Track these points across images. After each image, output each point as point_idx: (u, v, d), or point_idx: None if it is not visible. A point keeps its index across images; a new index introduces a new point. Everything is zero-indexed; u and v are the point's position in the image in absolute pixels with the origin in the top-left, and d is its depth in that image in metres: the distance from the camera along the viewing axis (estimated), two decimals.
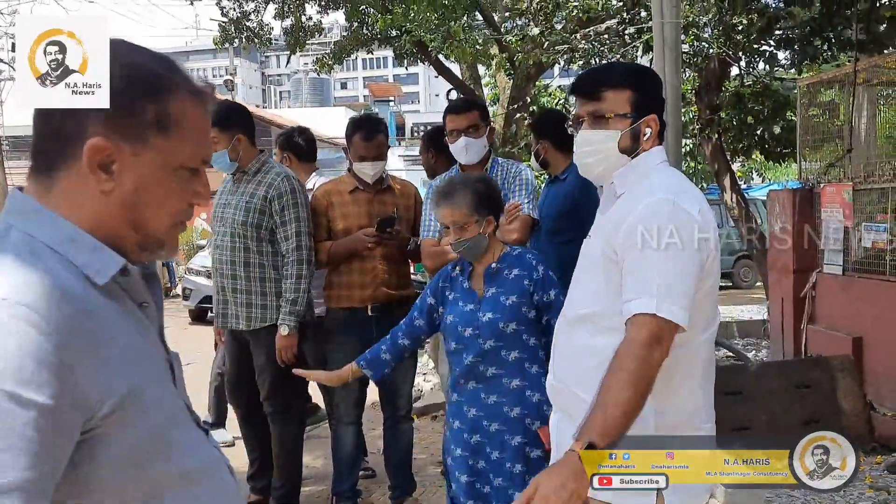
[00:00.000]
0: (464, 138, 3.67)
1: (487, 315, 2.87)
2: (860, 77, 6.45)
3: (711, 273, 1.96)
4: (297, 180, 4.01)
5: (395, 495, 4.21)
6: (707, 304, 1.97)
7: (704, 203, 1.99)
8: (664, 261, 1.86)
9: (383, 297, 3.93)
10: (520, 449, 2.87)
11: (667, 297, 1.83)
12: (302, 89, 71.04)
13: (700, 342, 1.97)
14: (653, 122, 2.04)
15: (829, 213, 6.21)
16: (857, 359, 5.60)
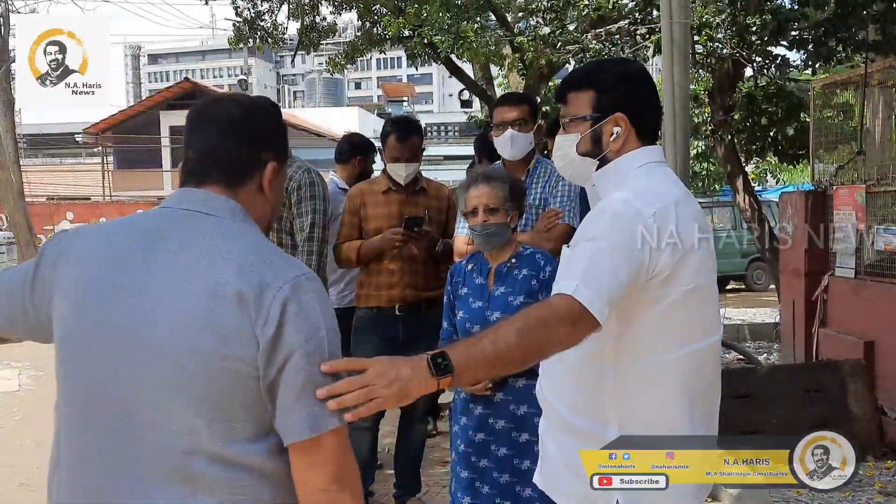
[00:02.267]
0: (510, 131, 3.58)
1: (496, 314, 2.88)
2: (875, 79, 6.39)
3: (682, 281, 1.81)
4: (318, 174, 4.08)
5: (400, 494, 4.22)
6: (680, 318, 1.83)
7: (673, 205, 1.83)
8: (595, 252, 1.77)
9: (411, 298, 3.94)
10: (527, 446, 2.88)
11: (588, 284, 1.71)
12: (316, 89, 71.27)
13: (675, 358, 1.83)
14: (621, 121, 1.91)
15: (842, 215, 6.15)
16: (868, 363, 5.54)
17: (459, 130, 43.60)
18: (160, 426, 1.43)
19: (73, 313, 1.53)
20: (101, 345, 1.48)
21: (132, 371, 1.45)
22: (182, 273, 1.48)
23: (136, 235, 1.55)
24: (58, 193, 28.04)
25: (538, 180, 3.64)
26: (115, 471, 1.47)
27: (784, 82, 8.67)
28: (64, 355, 1.53)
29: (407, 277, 3.94)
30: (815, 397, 5.22)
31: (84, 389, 1.50)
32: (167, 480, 1.44)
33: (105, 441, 1.47)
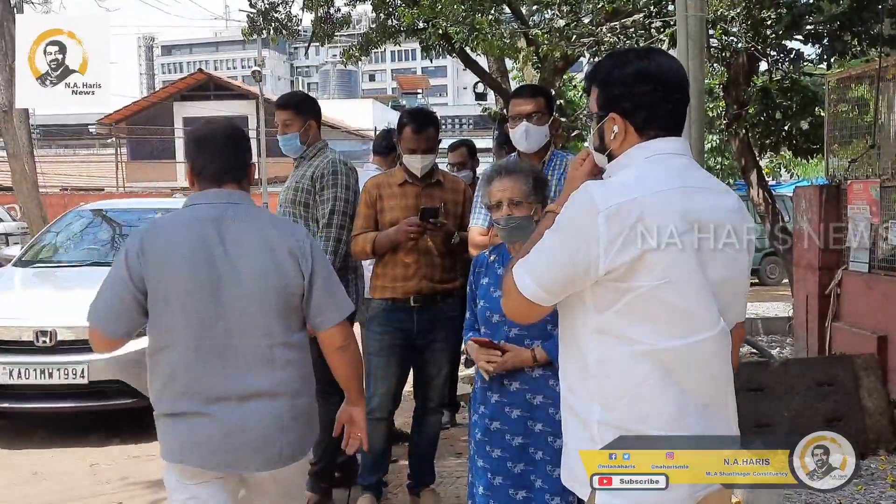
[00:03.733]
0: (524, 124, 3.61)
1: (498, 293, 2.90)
2: (890, 73, 6.37)
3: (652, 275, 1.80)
4: (345, 164, 4.21)
5: (413, 485, 4.26)
6: (654, 311, 1.82)
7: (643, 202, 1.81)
8: (547, 239, 1.92)
9: (426, 290, 3.96)
10: (541, 435, 2.92)
11: (528, 271, 1.93)
12: (330, 81, 71.29)
13: (652, 350, 1.82)
14: (617, 121, 1.95)
15: (856, 209, 6.14)
16: (881, 357, 5.54)
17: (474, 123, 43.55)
18: (250, 333, 2.49)
19: (178, 279, 2.45)
20: (205, 294, 2.45)
21: (228, 305, 2.47)
22: (245, 240, 2.51)
23: (205, 222, 2.50)
24: (71, 184, 28.22)
25: (553, 172, 3.65)
26: (221, 369, 2.47)
27: (799, 76, 8.64)
28: (176, 305, 2.45)
29: (423, 269, 3.97)
30: (827, 391, 5.22)
31: (198, 323, 2.46)
32: (257, 366, 2.50)
33: (212, 353, 2.47)
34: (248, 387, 2.48)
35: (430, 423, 4.22)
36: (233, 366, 2.48)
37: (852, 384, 5.25)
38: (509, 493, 2.92)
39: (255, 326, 2.49)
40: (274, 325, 2.52)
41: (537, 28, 10.83)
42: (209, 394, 2.46)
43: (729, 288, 1.93)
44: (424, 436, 4.24)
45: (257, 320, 2.50)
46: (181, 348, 2.46)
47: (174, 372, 2.47)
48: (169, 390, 2.48)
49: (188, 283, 2.45)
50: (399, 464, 4.73)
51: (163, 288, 2.45)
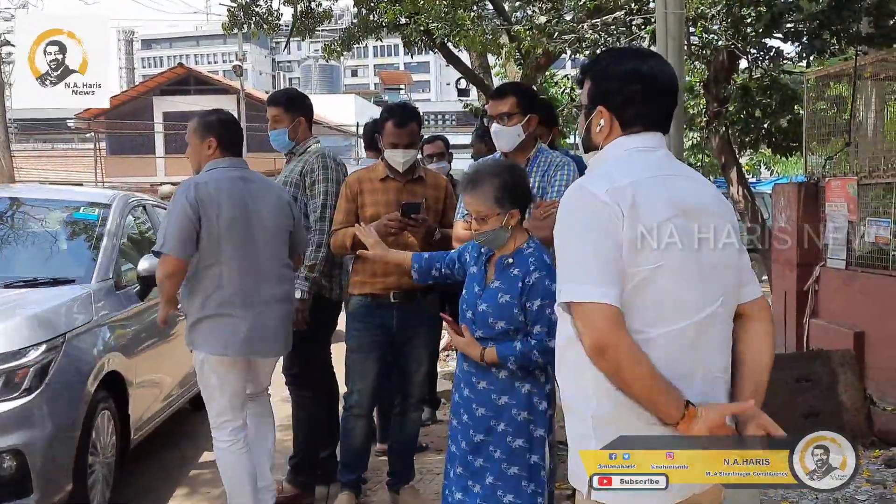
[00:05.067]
0: (495, 124, 3.65)
1: (482, 306, 2.91)
2: (868, 71, 6.43)
3: (647, 260, 1.83)
4: (334, 159, 4.27)
5: (393, 482, 4.24)
6: (655, 294, 1.84)
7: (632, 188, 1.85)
8: (571, 247, 1.87)
9: (406, 286, 3.91)
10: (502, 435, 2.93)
11: (570, 280, 1.85)
12: (312, 76, 71.03)
13: (650, 338, 1.84)
14: (603, 114, 2.00)
15: (834, 207, 6.19)
16: (858, 353, 5.59)
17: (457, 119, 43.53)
18: (270, 256, 3.68)
19: (223, 217, 3.55)
20: (242, 227, 3.60)
21: (256, 237, 3.64)
22: (261, 192, 3.76)
23: (234, 178, 3.69)
24: (49, 179, 27.91)
25: (538, 170, 3.64)
26: (254, 282, 3.61)
27: (778, 74, 8.69)
28: (223, 234, 3.55)
29: (403, 265, 3.95)
30: (805, 387, 5.26)
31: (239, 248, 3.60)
32: (273, 280, 3.70)
33: (248, 270, 3.60)
34: (269, 295, 3.66)
35: (410, 420, 4.19)
36: (262, 279, 3.64)
37: (830, 380, 5.29)
38: (468, 484, 2.95)
39: (273, 252, 3.71)
40: (282, 251, 3.78)
41: (519, 24, 10.83)
42: (246, 300, 3.58)
43: (726, 272, 1.96)
44: (404, 432, 4.21)
45: (274, 247, 3.72)
46: (226, 266, 3.57)
47: (221, 283, 3.56)
48: (216, 296, 3.55)
49: (230, 219, 3.57)
50: (379, 460, 4.71)
51: (213, 222, 3.53)
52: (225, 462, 3.71)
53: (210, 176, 3.67)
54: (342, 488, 4.15)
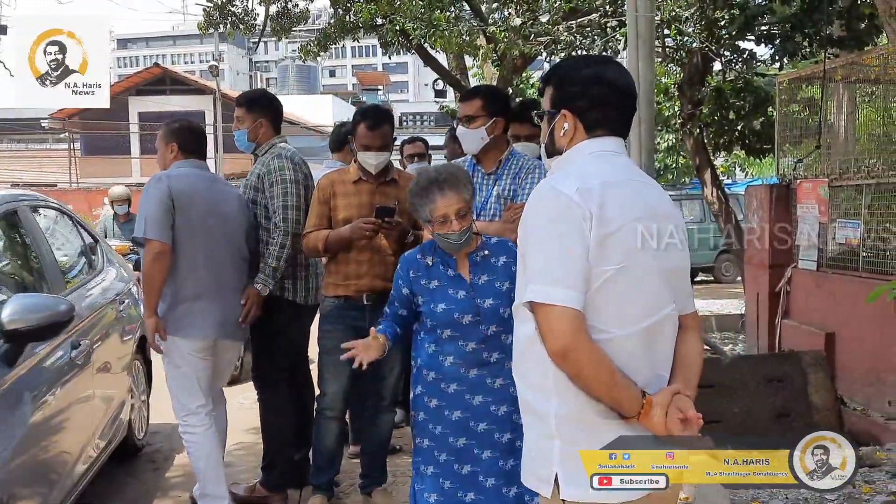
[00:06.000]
0: (460, 127, 3.68)
1: (489, 301, 2.89)
2: (839, 74, 6.49)
3: (611, 260, 1.85)
4: (292, 160, 4.19)
5: (365, 485, 4.21)
6: (617, 295, 1.86)
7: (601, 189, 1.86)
8: (538, 246, 1.87)
9: (379, 288, 3.89)
10: (485, 434, 2.92)
11: (535, 281, 1.84)
12: (289, 76, 70.73)
13: (611, 338, 1.86)
14: (568, 118, 2.01)
15: (805, 208, 6.24)
16: (829, 354, 5.64)
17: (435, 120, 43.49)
18: (235, 249, 4.00)
19: (198, 212, 3.83)
20: (213, 223, 3.88)
21: (224, 232, 3.94)
22: (225, 192, 4.10)
23: (205, 180, 4.03)
24: (23, 180, 27.58)
25: (508, 172, 3.65)
26: (222, 271, 3.93)
27: (751, 77, 8.77)
28: (200, 227, 3.86)
29: (376, 268, 3.92)
30: (777, 387, 5.30)
31: (212, 241, 3.87)
32: (235, 271, 4.01)
33: (217, 260, 3.89)
34: (234, 285, 3.98)
35: (382, 423, 4.17)
36: (228, 270, 3.97)
37: (801, 380, 5.34)
38: (458, 496, 2.91)
39: (236, 246, 4.03)
40: (243, 246, 4.08)
41: (495, 26, 10.85)
42: (217, 287, 3.89)
43: (680, 277, 2.03)
44: (376, 435, 4.19)
45: (237, 242, 4.03)
46: (200, 255, 3.84)
47: (195, 271, 3.83)
48: (191, 284, 3.83)
49: (204, 211, 3.86)
50: (352, 462, 4.68)
51: (186, 213, 3.79)
52: (199, 447, 3.88)
53: (180, 172, 3.93)
54: (314, 491, 4.14)
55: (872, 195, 5.70)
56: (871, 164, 5.72)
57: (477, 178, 3.68)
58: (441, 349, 2.98)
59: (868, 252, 5.67)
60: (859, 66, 6.34)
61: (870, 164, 5.74)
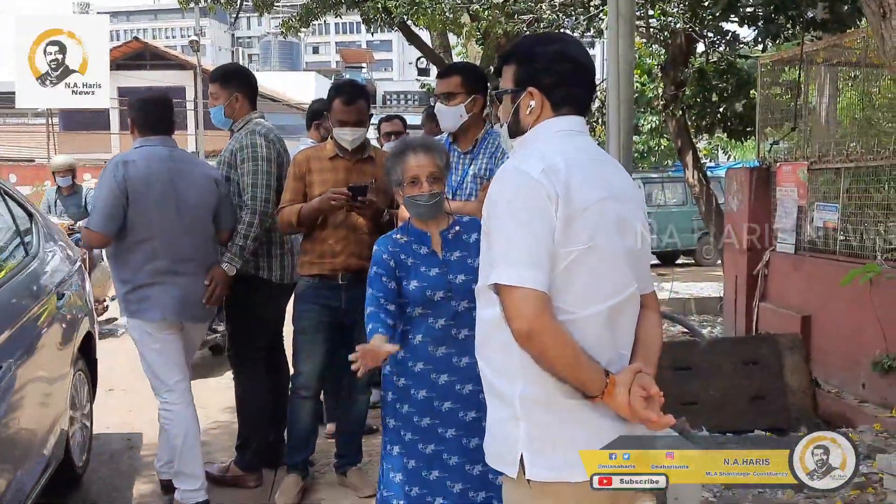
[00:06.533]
0: (438, 104, 3.64)
1: (460, 277, 2.87)
2: (820, 56, 6.47)
3: (578, 240, 1.83)
4: (265, 136, 4.11)
5: (340, 464, 4.21)
6: (583, 275, 1.85)
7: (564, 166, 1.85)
8: (503, 227, 1.84)
9: (355, 267, 3.87)
10: (450, 413, 2.90)
11: (501, 262, 1.82)
12: (272, 53, 70.09)
13: (576, 318, 1.85)
14: (535, 95, 1.98)
15: (785, 191, 6.25)
16: (805, 337, 5.67)
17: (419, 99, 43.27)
18: (197, 232, 3.88)
19: (152, 195, 3.73)
20: (170, 205, 3.78)
21: (183, 213, 3.81)
22: (188, 170, 3.91)
23: (163, 158, 3.84)
24: (0, 155, 27.24)
25: (485, 152, 3.62)
26: (182, 252, 3.82)
27: (734, 58, 8.74)
28: (152, 211, 3.74)
29: (351, 246, 3.88)
30: (752, 370, 5.32)
31: (167, 223, 3.77)
32: (198, 252, 3.89)
33: (177, 242, 3.79)
34: (196, 266, 3.89)
35: (357, 403, 4.16)
36: (189, 251, 3.85)
37: (776, 363, 5.35)
38: (422, 475, 2.90)
39: (199, 227, 3.90)
40: (207, 227, 3.96)
41: (479, 3, 10.74)
42: (177, 269, 3.81)
43: (642, 257, 2.02)
44: (352, 415, 4.18)
45: (199, 223, 3.90)
46: (158, 239, 3.77)
47: (153, 254, 3.77)
48: (149, 267, 3.77)
49: (160, 195, 3.76)
50: (327, 442, 4.66)
51: (142, 198, 3.73)
52: (178, 422, 3.84)
53: (139, 154, 3.83)
54: (289, 471, 4.12)
55: (851, 179, 5.70)
56: (851, 147, 5.72)
57: (453, 157, 3.64)
58: (411, 328, 2.96)
59: (846, 236, 5.69)
60: (841, 48, 6.32)
61: (849, 147, 5.74)
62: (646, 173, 16.33)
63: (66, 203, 7.72)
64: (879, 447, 4.27)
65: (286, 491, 4.02)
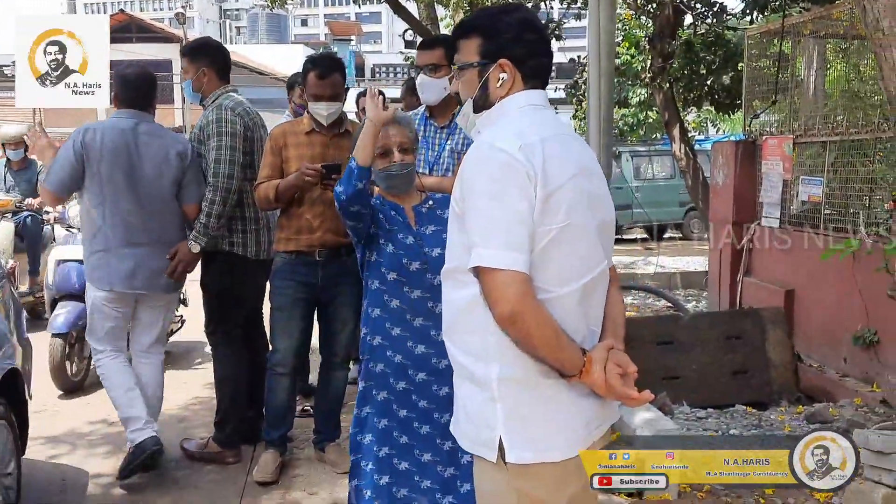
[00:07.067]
0: (421, 75, 3.57)
1: (436, 251, 2.82)
2: (808, 28, 6.41)
3: (555, 218, 1.78)
4: (233, 111, 4.04)
5: (319, 440, 4.19)
6: (560, 254, 1.81)
7: (540, 143, 1.80)
8: (482, 208, 1.77)
9: (331, 243, 3.84)
10: (427, 412, 2.86)
11: (480, 244, 1.75)
12: (259, 25, 69.40)
13: (554, 297, 1.81)
14: (506, 67, 1.91)
15: (770, 165, 6.21)
16: (788, 311, 5.66)
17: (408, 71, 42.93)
18: (151, 201, 3.92)
19: (105, 162, 3.83)
20: (123, 173, 3.86)
21: (138, 182, 3.89)
22: (150, 142, 3.94)
23: (126, 129, 3.90)
24: None
25: (460, 129, 3.55)
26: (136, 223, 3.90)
27: (722, 31, 8.67)
28: (105, 179, 3.84)
29: (327, 222, 3.84)
30: (735, 344, 5.31)
31: (120, 191, 3.85)
32: (155, 224, 3.95)
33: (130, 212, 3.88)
34: (152, 238, 3.94)
35: (335, 379, 4.13)
36: (145, 223, 3.93)
37: (759, 337, 5.35)
38: (394, 436, 2.87)
39: (154, 197, 3.93)
40: (167, 200, 3.98)
41: None
42: (128, 240, 3.89)
43: (608, 230, 1.98)
44: (330, 391, 4.15)
45: (155, 193, 3.93)
46: (109, 207, 3.87)
47: (104, 222, 3.88)
48: (101, 235, 3.88)
49: (111, 164, 3.85)
50: (306, 419, 4.64)
51: (95, 166, 3.84)
52: (110, 373, 4.01)
53: (101, 124, 3.97)
54: (267, 447, 4.11)
55: (836, 152, 5.67)
56: (837, 121, 5.67)
57: (430, 131, 3.60)
58: (387, 289, 2.90)
59: (830, 210, 5.66)
60: (828, 20, 6.25)
61: (835, 121, 5.69)
62: (633, 147, 16.25)
63: (16, 178, 7.28)
64: (859, 422, 4.27)
65: (264, 467, 4.01)
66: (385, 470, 2.87)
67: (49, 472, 4.21)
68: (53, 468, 4.26)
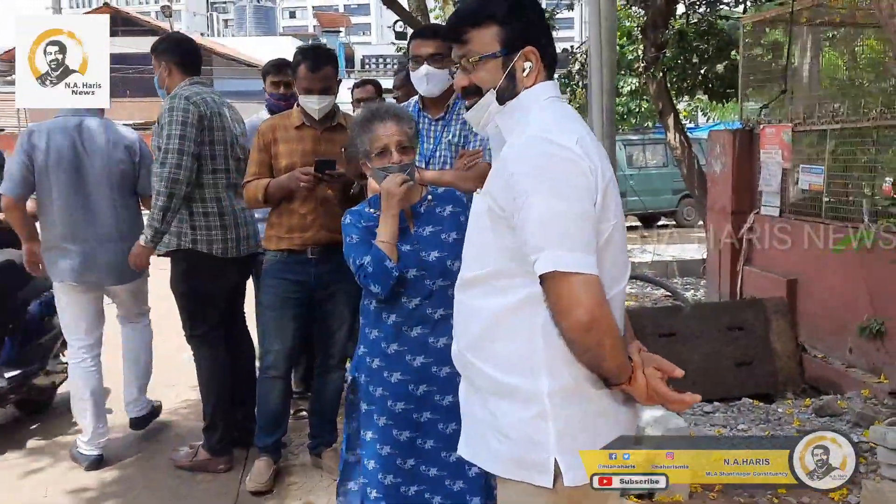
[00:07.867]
0: (425, 66, 3.38)
1: (434, 254, 2.70)
2: (804, 16, 6.37)
3: (610, 215, 1.70)
4: (188, 99, 3.85)
5: (314, 445, 4.07)
6: (611, 253, 1.72)
7: (587, 136, 1.74)
8: (547, 208, 1.63)
9: (325, 240, 3.71)
10: (429, 424, 2.75)
11: (551, 246, 1.62)
12: (246, 17, 68.97)
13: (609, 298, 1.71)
14: (531, 55, 1.79)
15: (769, 154, 6.17)
16: (790, 301, 5.63)
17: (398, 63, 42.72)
18: (102, 197, 4.05)
19: (51, 161, 3.96)
20: (70, 171, 3.99)
21: (86, 179, 4.02)
22: (96, 138, 4.06)
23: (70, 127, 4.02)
24: None
25: (458, 117, 3.43)
26: (83, 218, 4.02)
27: (715, 20, 8.62)
28: (52, 177, 3.96)
29: (321, 219, 3.71)
30: (738, 334, 5.29)
31: (67, 189, 3.98)
32: (106, 218, 4.08)
33: (76, 207, 4.01)
34: (102, 233, 4.06)
35: (331, 381, 3.98)
36: (94, 217, 4.04)
37: (762, 328, 5.33)
38: (397, 463, 2.75)
39: (105, 192, 4.06)
40: (118, 192, 4.11)
41: None
42: (76, 235, 4.02)
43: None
44: (326, 393, 4.00)
45: (105, 189, 4.06)
46: (56, 203, 4.00)
47: (54, 219, 4.02)
48: (52, 230, 4.04)
49: (56, 161, 3.97)
50: (301, 422, 4.52)
51: (40, 164, 3.97)
52: (73, 377, 4.19)
53: (46, 124, 4.11)
54: (260, 453, 3.96)
55: (836, 140, 5.63)
56: (836, 108, 5.64)
57: (424, 124, 3.47)
58: (384, 306, 2.78)
59: (831, 198, 5.63)
60: (826, 8, 6.21)
61: (834, 108, 5.66)
62: (626, 135, 16.24)
63: None
64: (868, 415, 4.24)
65: (258, 475, 3.87)
66: (392, 498, 2.77)
67: None
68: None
